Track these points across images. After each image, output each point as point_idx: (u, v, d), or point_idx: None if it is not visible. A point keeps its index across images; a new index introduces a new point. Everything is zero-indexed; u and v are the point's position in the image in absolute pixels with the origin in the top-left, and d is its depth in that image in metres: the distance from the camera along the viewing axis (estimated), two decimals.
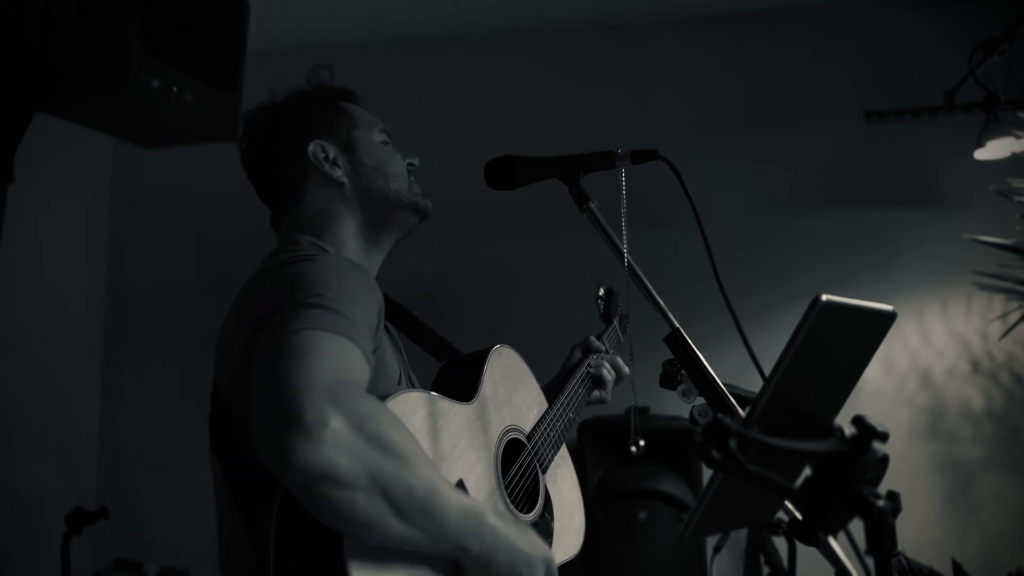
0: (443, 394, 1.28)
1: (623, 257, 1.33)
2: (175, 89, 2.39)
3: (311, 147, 1.41)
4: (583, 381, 1.71)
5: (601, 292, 1.95)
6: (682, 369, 1.34)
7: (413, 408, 1.19)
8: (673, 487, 2.90)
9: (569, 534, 1.51)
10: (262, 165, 1.46)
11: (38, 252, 3.43)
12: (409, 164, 1.50)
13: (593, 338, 1.81)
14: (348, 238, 1.41)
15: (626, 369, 1.79)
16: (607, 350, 1.80)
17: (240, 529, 1.20)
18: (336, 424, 0.97)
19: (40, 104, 2.27)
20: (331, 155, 1.42)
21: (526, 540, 1.19)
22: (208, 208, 3.85)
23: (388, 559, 1.07)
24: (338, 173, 1.42)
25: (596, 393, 1.76)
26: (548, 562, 1.23)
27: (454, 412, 1.28)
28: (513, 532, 1.17)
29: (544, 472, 1.48)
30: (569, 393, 1.65)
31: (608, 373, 1.75)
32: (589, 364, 1.74)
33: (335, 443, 0.96)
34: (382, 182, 1.43)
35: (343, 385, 1.01)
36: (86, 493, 3.60)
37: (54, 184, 3.50)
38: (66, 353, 3.63)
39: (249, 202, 1.54)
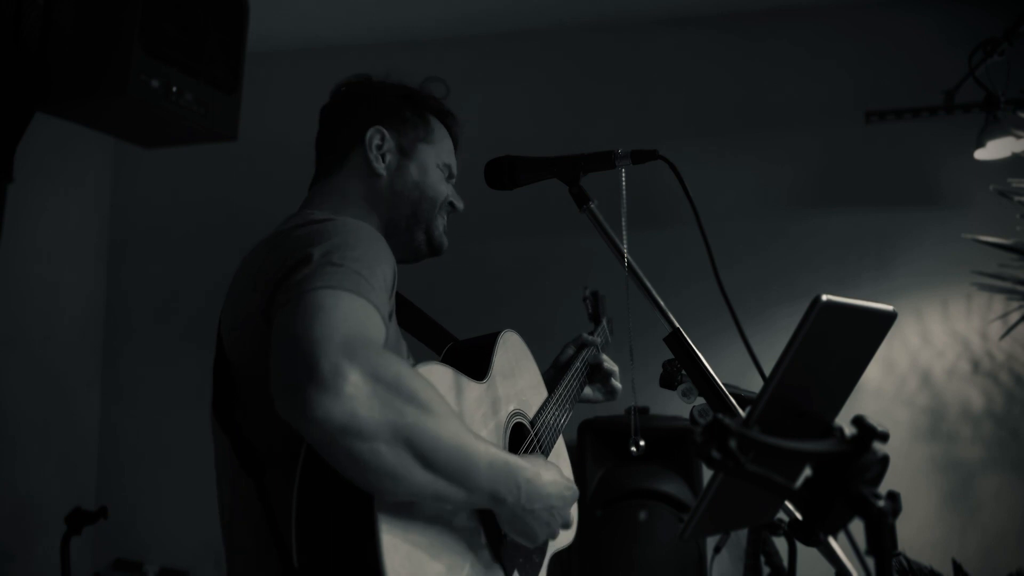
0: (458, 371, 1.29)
1: (623, 257, 1.33)
2: (175, 89, 2.39)
3: (371, 130, 1.43)
4: (578, 375, 1.73)
5: (588, 294, 1.96)
6: (682, 369, 1.34)
7: (438, 379, 1.20)
8: (673, 487, 2.90)
9: None
10: (332, 119, 1.49)
11: (38, 252, 3.43)
12: (451, 203, 1.50)
13: (586, 334, 1.83)
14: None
15: (615, 372, 1.81)
16: (599, 345, 1.82)
17: (251, 500, 1.19)
18: (353, 377, 0.96)
19: (40, 104, 2.27)
20: (384, 147, 1.43)
21: (552, 480, 1.21)
22: (208, 208, 3.85)
23: (419, 516, 1.07)
24: (379, 166, 1.42)
25: (587, 391, 1.78)
26: (575, 494, 1.28)
27: (470, 389, 1.29)
28: (545, 475, 1.20)
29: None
30: (567, 384, 1.67)
31: (608, 363, 1.78)
32: (584, 358, 1.76)
33: (353, 395, 0.96)
34: (416, 196, 1.44)
35: (360, 340, 1.01)
36: (86, 493, 3.60)
37: (54, 184, 3.50)
38: (66, 353, 3.63)
39: (248, 202, 1.54)
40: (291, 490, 1.07)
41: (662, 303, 1.32)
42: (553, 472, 1.23)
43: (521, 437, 1.45)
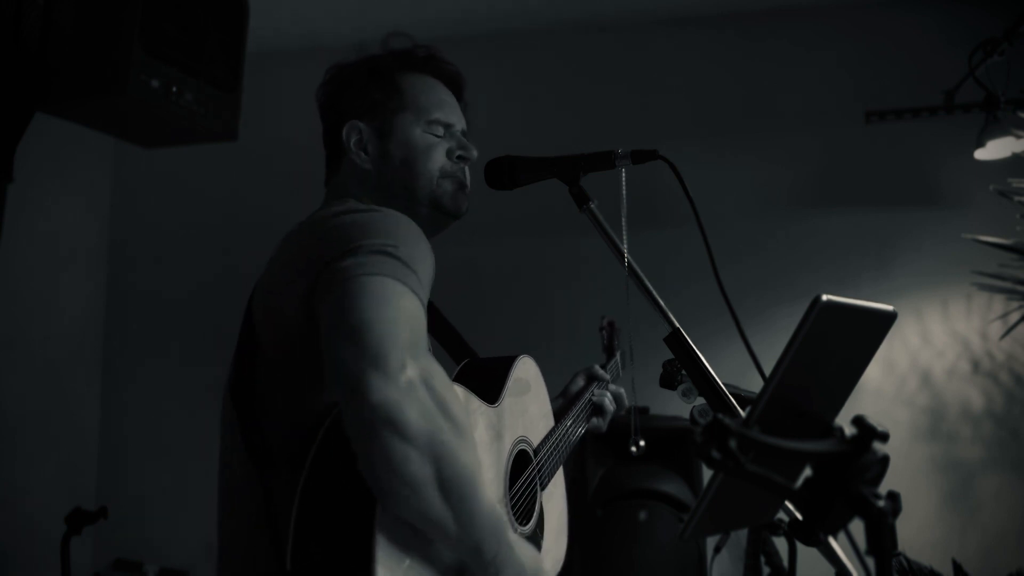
0: (471, 391, 1.28)
1: (623, 257, 1.33)
2: (175, 89, 2.38)
3: (345, 128, 1.41)
4: (585, 408, 1.72)
5: (604, 324, 1.95)
6: (682, 369, 1.34)
7: None
8: (673, 487, 2.89)
9: (554, 554, 1.53)
10: (324, 122, 1.48)
11: (38, 252, 3.43)
12: (459, 157, 1.44)
13: (597, 367, 1.81)
14: None
15: (626, 401, 1.80)
16: (610, 380, 1.81)
17: (254, 494, 1.17)
18: (414, 376, 0.97)
19: (40, 104, 2.27)
20: (364, 138, 1.41)
21: (531, 560, 1.19)
22: (208, 208, 3.85)
23: (418, 540, 1.06)
24: (363, 159, 1.40)
25: (594, 420, 1.76)
26: None
27: (481, 412, 1.29)
28: (523, 550, 1.17)
29: (543, 489, 1.49)
30: (574, 416, 1.66)
31: (610, 404, 1.76)
32: (592, 393, 1.74)
33: (410, 393, 0.97)
34: (406, 176, 1.40)
35: (420, 344, 1.02)
36: (86, 493, 3.60)
37: (54, 184, 3.50)
38: (66, 353, 3.63)
39: (249, 202, 1.54)
40: (295, 489, 1.06)
41: (662, 303, 1.31)
42: (530, 551, 1.20)
43: (524, 464, 1.45)
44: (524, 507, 1.42)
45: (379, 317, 1.00)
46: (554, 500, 1.56)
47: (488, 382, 1.41)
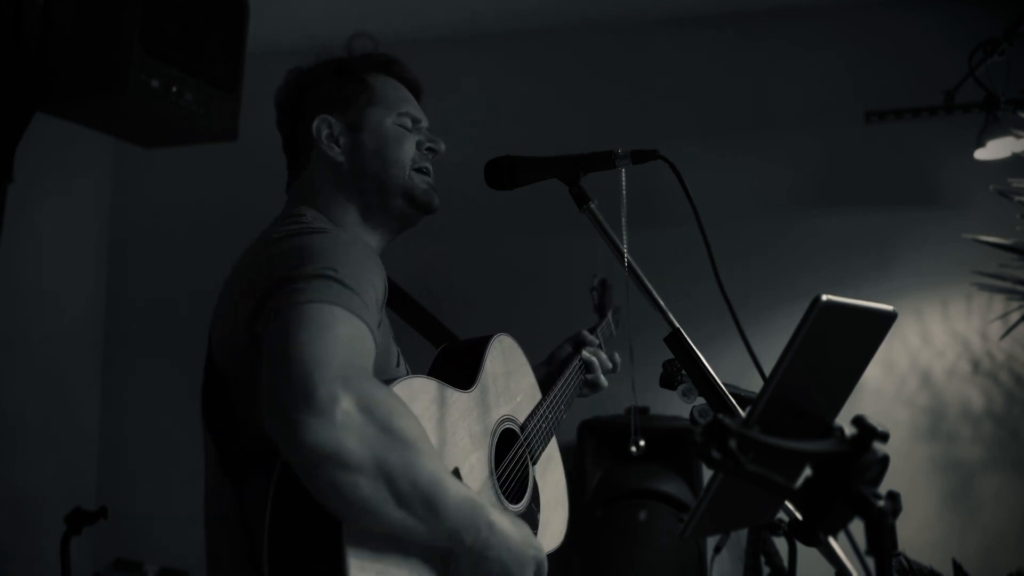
0: (443, 379, 1.28)
1: (623, 257, 1.33)
2: (175, 89, 2.38)
3: (316, 122, 1.41)
4: (575, 375, 1.71)
5: (595, 283, 1.94)
6: (682, 369, 1.34)
7: (417, 393, 1.19)
8: (673, 487, 2.90)
9: (553, 526, 1.53)
10: (282, 125, 1.50)
11: (38, 252, 3.43)
12: (428, 149, 1.46)
13: (585, 332, 1.81)
14: (347, 217, 1.40)
15: (610, 364, 1.79)
16: (599, 344, 1.80)
17: (231, 508, 1.18)
18: (347, 406, 0.96)
19: (40, 104, 2.27)
20: (335, 132, 1.42)
21: (520, 538, 1.19)
22: (208, 208, 3.85)
23: (385, 546, 1.07)
24: (335, 152, 1.41)
25: (586, 390, 1.76)
26: (540, 563, 1.23)
27: (455, 399, 1.28)
28: (510, 529, 1.17)
29: (534, 463, 1.49)
30: (562, 386, 1.65)
31: (600, 363, 1.75)
32: (582, 356, 1.73)
33: (345, 425, 0.96)
34: (379, 166, 1.40)
35: (356, 368, 1.00)
36: (86, 493, 3.60)
37: (54, 184, 3.50)
38: (66, 353, 3.63)
39: (248, 202, 1.54)
40: (266, 501, 1.07)
41: (662, 303, 1.31)
42: (520, 528, 1.20)
43: (510, 442, 1.45)
44: (516, 484, 1.42)
45: (310, 350, 0.99)
46: (548, 472, 1.56)
47: (465, 365, 1.41)
